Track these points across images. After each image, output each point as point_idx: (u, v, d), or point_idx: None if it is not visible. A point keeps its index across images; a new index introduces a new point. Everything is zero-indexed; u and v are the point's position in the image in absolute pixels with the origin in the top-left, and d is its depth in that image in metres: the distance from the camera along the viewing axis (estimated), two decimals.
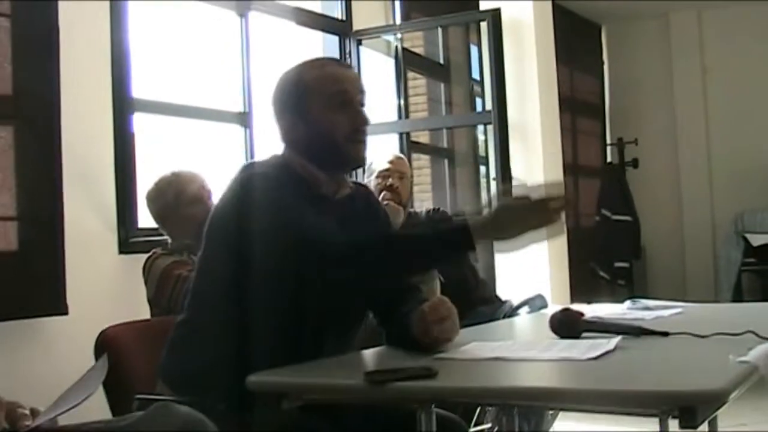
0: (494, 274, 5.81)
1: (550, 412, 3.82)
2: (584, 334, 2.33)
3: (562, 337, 2.34)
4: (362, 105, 2.44)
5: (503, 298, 4.39)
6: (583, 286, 7.49)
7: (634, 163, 9.17)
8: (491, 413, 3.70)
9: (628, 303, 3.18)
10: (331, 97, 2.39)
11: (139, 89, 4.40)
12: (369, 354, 2.36)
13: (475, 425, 3.64)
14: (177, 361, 2.36)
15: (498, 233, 2.22)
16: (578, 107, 9.19)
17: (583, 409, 1.80)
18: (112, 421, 1.78)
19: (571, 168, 8.48)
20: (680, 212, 9.37)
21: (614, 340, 2.15)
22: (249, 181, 2.31)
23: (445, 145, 7.80)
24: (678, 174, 9.39)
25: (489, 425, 3.72)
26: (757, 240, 8.51)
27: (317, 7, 6.04)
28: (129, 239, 4.21)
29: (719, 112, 9.19)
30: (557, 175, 6.33)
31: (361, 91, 2.45)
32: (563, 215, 2.24)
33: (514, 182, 2.56)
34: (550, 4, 6.44)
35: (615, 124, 9.71)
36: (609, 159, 9.57)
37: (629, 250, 8.93)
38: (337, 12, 6.12)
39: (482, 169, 7.87)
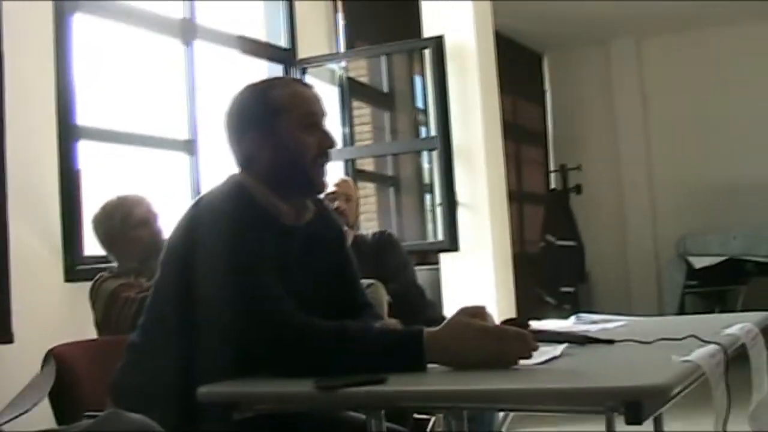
0: (441, 295, 5.84)
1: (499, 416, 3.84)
2: None
3: None
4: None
5: None
6: (529, 310, 7.55)
7: (578, 189, 9.30)
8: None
9: (573, 318, 3.22)
10: (302, 118, 2.31)
11: (84, 116, 4.39)
12: None
13: None
14: (129, 381, 2.33)
15: (448, 358, 2.03)
16: (521, 134, 9.30)
17: (532, 410, 1.83)
18: (60, 430, 1.77)
19: (515, 194, 8.57)
20: (624, 236, 9.51)
21: (560, 347, 2.19)
22: (206, 210, 2.25)
23: (390, 173, 7.85)
24: (621, 199, 9.53)
25: None
26: (699, 262, 8.65)
27: (262, 36, 6.07)
28: (75, 266, 4.18)
29: (660, 137, 9.37)
30: (501, 201, 6.37)
31: (325, 113, 2.39)
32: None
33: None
34: (492, 32, 6.51)
35: (558, 151, 9.84)
36: (553, 185, 9.69)
37: (574, 274, 9.04)
38: (281, 40, 6.16)
39: (427, 197, 7.93)
